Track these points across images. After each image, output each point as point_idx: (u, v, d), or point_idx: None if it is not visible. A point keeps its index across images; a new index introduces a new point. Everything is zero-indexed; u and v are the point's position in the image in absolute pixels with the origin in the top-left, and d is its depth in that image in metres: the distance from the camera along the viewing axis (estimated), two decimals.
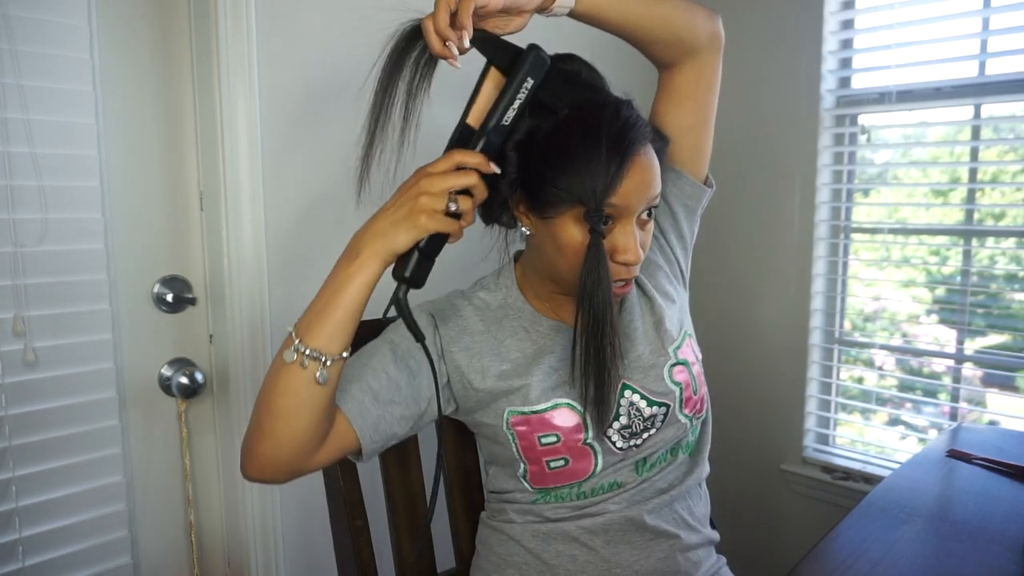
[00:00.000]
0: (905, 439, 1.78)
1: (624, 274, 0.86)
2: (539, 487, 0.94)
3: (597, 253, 0.80)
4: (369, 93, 0.81)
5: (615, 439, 0.92)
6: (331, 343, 0.76)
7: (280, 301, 1.33)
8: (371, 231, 0.76)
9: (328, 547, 1.10)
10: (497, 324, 0.96)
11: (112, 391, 1.22)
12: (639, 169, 0.81)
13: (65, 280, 1.15)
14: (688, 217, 1.03)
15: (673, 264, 1.04)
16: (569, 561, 0.94)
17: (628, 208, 0.82)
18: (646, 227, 0.87)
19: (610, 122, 0.80)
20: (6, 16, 1.06)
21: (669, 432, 0.94)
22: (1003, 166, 1.63)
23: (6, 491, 1.12)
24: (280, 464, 0.78)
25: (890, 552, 0.89)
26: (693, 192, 1.01)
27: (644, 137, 0.82)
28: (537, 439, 0.91)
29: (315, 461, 0.81)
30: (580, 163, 0.79)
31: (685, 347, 0.97)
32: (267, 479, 0.80)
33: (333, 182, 1.37)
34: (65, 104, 1.13)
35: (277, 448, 0.77)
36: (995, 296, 1.63)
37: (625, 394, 0.92)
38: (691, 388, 0.95)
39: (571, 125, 0.80)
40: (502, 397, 0.91)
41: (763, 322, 1.90)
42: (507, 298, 0.97)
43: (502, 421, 0.92)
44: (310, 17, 1.32)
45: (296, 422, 0.76)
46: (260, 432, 0.77)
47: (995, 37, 1.55)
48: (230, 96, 1.23)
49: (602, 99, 0.83)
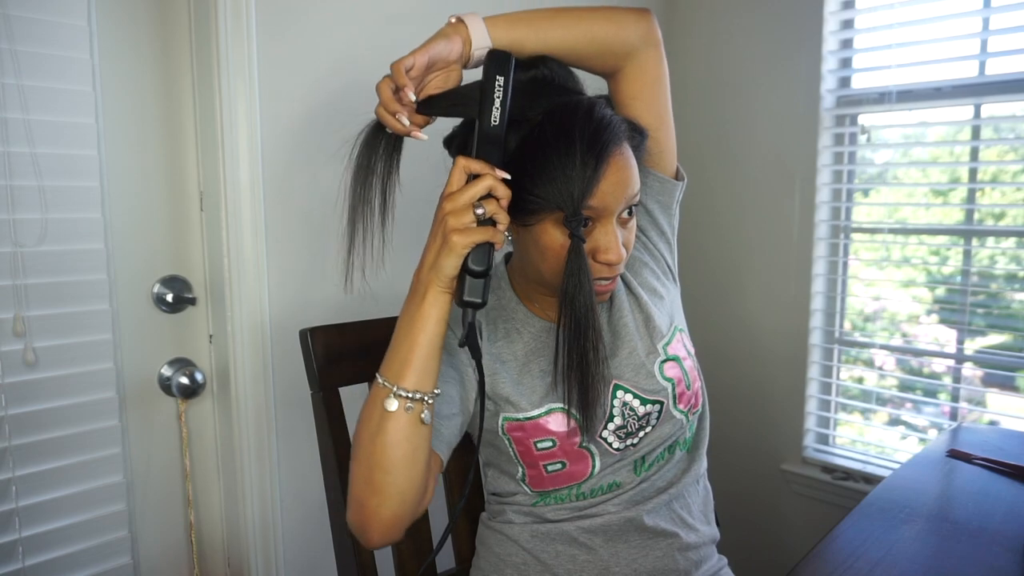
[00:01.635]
0: (905, 439, 1.78)
1: (607, 273, 0.86)
2: (538, 490, 0.94)
3: (578, 258, 0.80)
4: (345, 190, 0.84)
5: (611, 440, 0.92)
6: (424, 381, 0.76)
7: (280, 301, 1.34)
8: (425, 266, 0.77)
9: (328, 547, 1.10)
10: (492, 327, 0.96)
11: (112, 391, 1.22)
12: (615, 169, 0.81)
13: (65, 280, 1.15)
14: (664, 212, 1.03)
15: (659, 259, 1.04)
16: (568, 561, 0.94)
17: (607, 209, 0.82)
18: (628, 225, 0.87)
19: (583, 125, 0.79)
20: (6, 16, 1.06)
21: (665, 429, 0.94)
22: (1003, 166, 1.63)
23: (6, 491, 1.12)
24: (406, 517, 0.78)
25: (890, 552, 0.89)
26: (663, 188, 1.01)
27: (619, 137, 0.82)
28: (533, 444, 0.91)
29: (427, 500, 0.82)
30: (556, 170, 0.79)
31: (675, 342, 0.97)
32: (395, 539, 0.79)
33: (333, 182, 1.37)
34: (65, 104, 1.13)
35: (404, 503, 0.77)
36: (995, 296, 1.63)
37: (618, 394, 0.92)
38: (684, 383, 0.95)
39: (544, 132, 0.80)
40: (498, 403, 0.92)
41: (763, 322, 1.90)
42: (500, 299, 0.98)
43: (498, 427, 0.92)
44: (310, 17, 1.32)
45: (413, 468, 0.76)
46: (381, 495, 0.76)
47: (995, 37, 1.55)
48: (230, 96, 1.23)
49: (574, 102, 0.82)
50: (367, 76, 1.39)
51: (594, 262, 0.85)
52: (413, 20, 1.43)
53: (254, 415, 1.31)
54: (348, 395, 1.07)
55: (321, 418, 1.04)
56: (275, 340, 1.33)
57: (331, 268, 1.39)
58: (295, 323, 1.31)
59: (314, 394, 1.05)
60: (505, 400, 0.91)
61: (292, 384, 1.35)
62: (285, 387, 1.35)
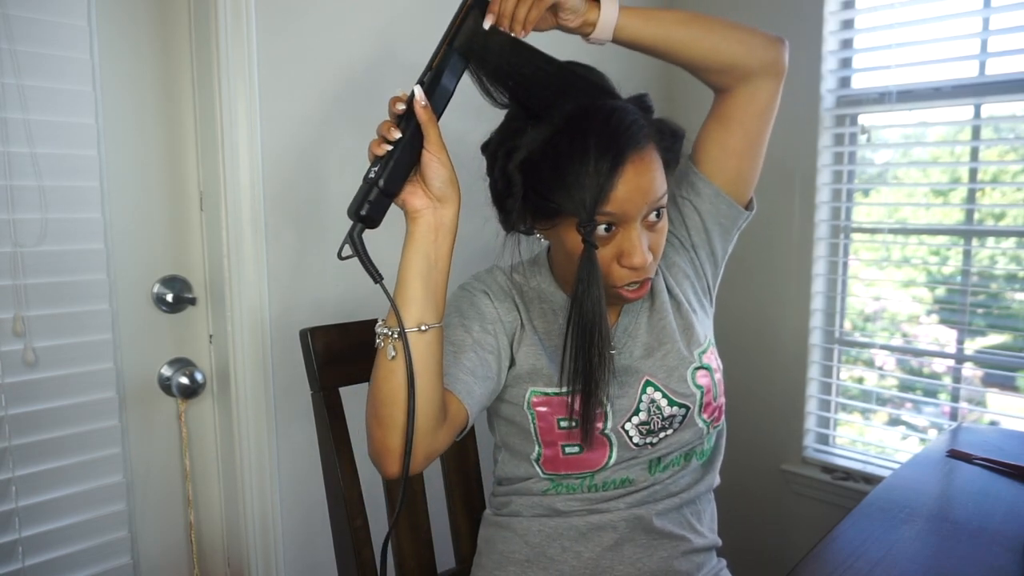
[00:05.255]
0: (905, 439, 1.78)
1: (633, 277, 0.86)
2: (551, 472, 0.94)
3: (588, 265, 0.81)
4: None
5: (632, 434, 0.92)
6: (395, 317, 0.78)
7: (280, 301, 1.33)
8: None
9: (328, 547, 1.10)
10: (527, 306, 0.97)
11: (112, 391, 1.22)
12: (633, 174, 0.81)
13: (65, 280, 1.15)
14: (722, 236, 1.02)
15: (702, 279, 1.04)
16: (574, 557, 0.95)
17: (626, 214, 0.82)
18: (655, 228, 0.87)
19: (599, 131, 0.80)
20: (6, 16, 1.06)
21: (686, 435, 0.95)
22: (1003, 166, 1.63)
23: (6, 491, 1.12)
24: (416, 449, 0.79)
25: (890, 552, 0.89)
26: (730, 213, 1.00)
27: (635, 142, 0.81)
28: (556, 421, 0.92)
29: (441, 440, 0.82)
30: (570, 176, 0.80)
31: (709, 353, 0.98)
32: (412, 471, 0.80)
33: (334, 181, 1.37)
34: (65, 104, 1.13)
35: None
36: (995, 296, 1.63)
37: (647, 391, 0.93)
38: (712, 394, 0.96)
39: (562, 138, 0.81)
40: (526, 377, 0.93)
41: (763, 322, 1.90)
42: (540, 283, 0.99)
43: (524, 401, 0.93)
44: (310, 17, 1.32)
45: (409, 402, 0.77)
46: (384, 427, 0.78)
47: (995, 37, 1.54)
48: (230, 96, 1.23)
49: (595, 107, 0.82)
50: (367, 76, 1.40)
51: (619, 267, 0.85)
52: (413, 20, 1.43)
53: (254, 415, 1.31)
54: (348, 395, 1.07)
55: (321, 418, 1.04)
56: (275, 340, 1.33)
57: (329, 267, 1.38)
58: (295, 323, 1.31)
59: (314, 394, 1.05)
60: (537, 373, 0.93)
61: (292, 384, 1.35)
62: (285, 387, 1.35)
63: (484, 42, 0.80)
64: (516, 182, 0.85)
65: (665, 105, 1.97)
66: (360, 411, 0.87)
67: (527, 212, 0.88)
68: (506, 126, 0.89)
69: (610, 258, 0.85)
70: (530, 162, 0.84)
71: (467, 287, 0.97)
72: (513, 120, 0.88)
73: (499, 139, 0.88)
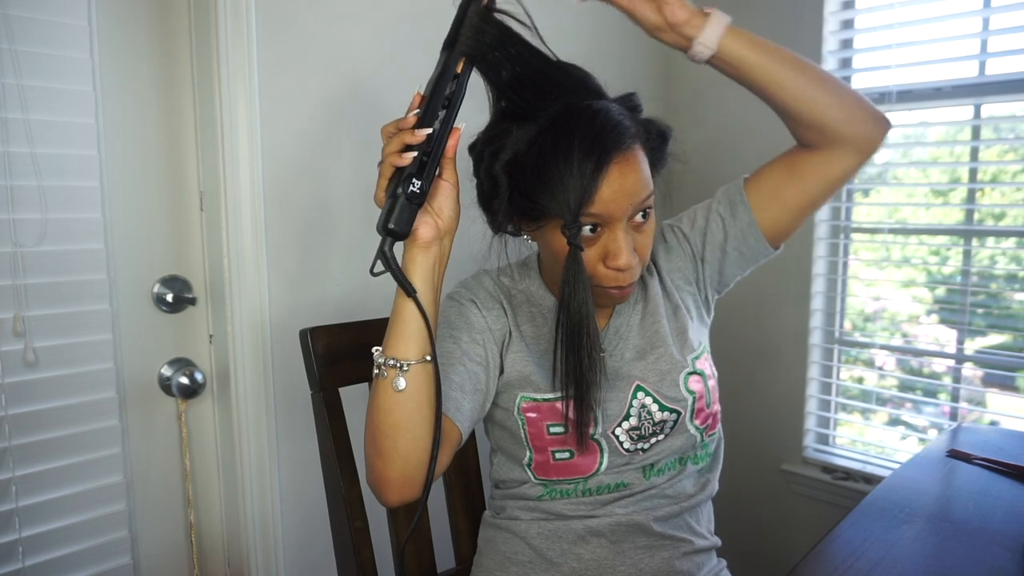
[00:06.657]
0: (905, 439, 1.78)
1: (619, 280, 0.86)
2: (543, 478, 0.94)
3: (574, 266, 0.80)
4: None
5: (623, 439, 0.92)
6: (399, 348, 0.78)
7: (280, 301, 1.33)
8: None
9: (328, 547, 1.10)
10: (515, 311, 0.97)
11: (112, 391, 1.22)
12: (618, 175, 0.80)
13: (65, 280, 1.15)
14: (738, 263, 1.00)
15: (701, 291, 1.03)
16: (574, 560, 0.95)
17: (611, 215, 0.82)
18: (641, 229, 0.86)
19: (583, 131, 0.79)
20: (6, 16, 1.06)
21: (677, 441, 0.94)
22: (1003, 166, 1.63)
23: (6, 491, 1.12)
24: (415, 478, 0.79)
25: (890, 552, 0.89)
26: (756, 247, 0.98)
27: (619, 143, 0.80)
28: (546, 427, 0.91)
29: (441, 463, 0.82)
30: (554, 178, 0.79)
31: (703, 359, 0.98)
32: (411, 497, 0.81)
33: (334, 182, 1.37)
34: (65, 104, 1.13)
35: (407, 465, 0.78)
36: (995, 296, 1.63)
37: (638, 395, 0.92)
38: (704, 400, 0.95)
39: (546, 138, 0.81)
40: (516, 384, 0.93)
41: (763, 322, 1.90)
42: (529, 286, 0.99)
43: (514, 406, 0.93)
44: (310, 17, 1.32)
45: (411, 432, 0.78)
46: (384, 457, 0.78)
47: (995, 37, 1.54)
48: (230, 96, 1.23)
49: (579, 108, 0.81)
50: (367, 76, 1.40)
51: (606, 268, 0.85)
52: (413, 20, 1.43)
53: (254, 415, 1.31)
54: (348, 395, 1.07)
55: (321, 418, 1.04)
56: (275, 340, 1.33)
57: (329, 267, 1.38)
58: (295, 323, 1.31)
59: (314, 394, 1.05)
60: (526, 379, 0.92)
61: (292, 384, 1.35)
62: (285, 387, 1.35)
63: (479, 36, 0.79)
64: (502, 183, 0.84)
65: (657, 104, 1.97)
66: (360, 411, 0.87)
67: (513, 213, 0.87)
68: (492, 127, 0.87)
69: (596, 259, 0.85)
70: (515, 163, 0.83)
71: (455, 296, 0.96)
72: (499, 121, 0.87)
73: (485, 140, 0.87)
